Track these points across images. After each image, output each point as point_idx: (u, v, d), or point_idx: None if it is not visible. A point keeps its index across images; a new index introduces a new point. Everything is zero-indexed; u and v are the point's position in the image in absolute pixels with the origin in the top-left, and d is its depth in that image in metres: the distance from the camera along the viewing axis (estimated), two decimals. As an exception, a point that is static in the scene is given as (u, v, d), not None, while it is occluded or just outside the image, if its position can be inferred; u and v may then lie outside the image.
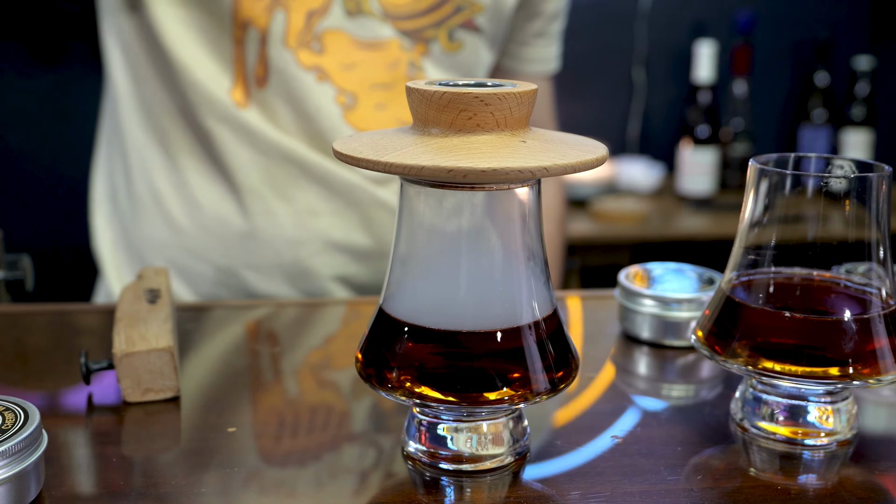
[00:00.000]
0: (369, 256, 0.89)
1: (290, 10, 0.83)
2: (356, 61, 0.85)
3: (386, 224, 0.88)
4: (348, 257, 0.88)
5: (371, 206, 0.87)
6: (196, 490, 0.46)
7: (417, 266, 0.46)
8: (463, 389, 0.44)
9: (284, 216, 0.86)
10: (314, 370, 0.62)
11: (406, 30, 0.86)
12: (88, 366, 0.55)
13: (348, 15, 0.84)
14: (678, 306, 0.63)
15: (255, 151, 0.85)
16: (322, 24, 0.83)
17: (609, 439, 0.51)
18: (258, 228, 0.86)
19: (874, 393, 0.59)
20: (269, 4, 0.82)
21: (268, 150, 0.85)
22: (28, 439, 0.42)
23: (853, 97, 2.12)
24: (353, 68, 0.85)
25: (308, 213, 0.86)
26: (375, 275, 0.90)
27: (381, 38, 0.85)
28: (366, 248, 0.88)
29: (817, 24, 2.17)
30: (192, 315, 0.71)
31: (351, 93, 0.85)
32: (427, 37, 0.87)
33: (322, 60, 0.84)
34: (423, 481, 0.46)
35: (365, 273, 0.89)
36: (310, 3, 0.83)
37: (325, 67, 0.84)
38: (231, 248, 0.87)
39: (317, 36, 0.83)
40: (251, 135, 0.85)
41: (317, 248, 0.87)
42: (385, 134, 0.45)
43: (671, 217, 1.96)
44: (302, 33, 0.83)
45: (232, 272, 0.87)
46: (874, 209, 0.49)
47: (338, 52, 0.84)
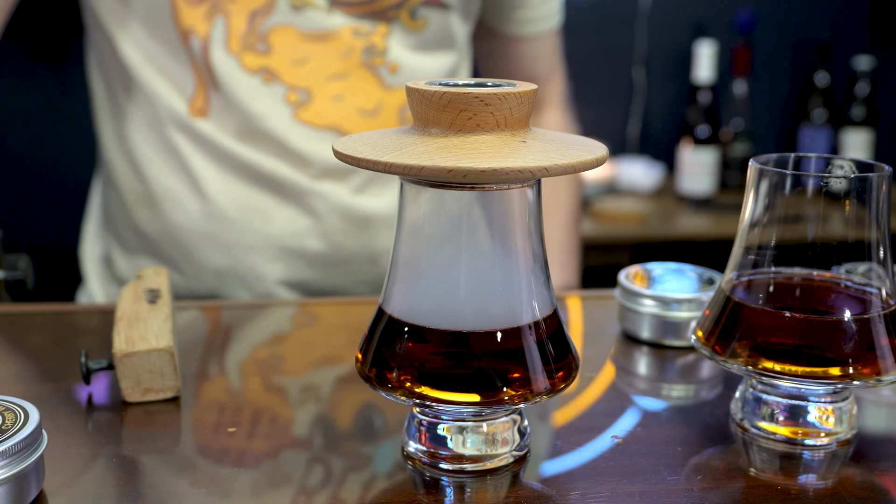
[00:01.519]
0: (323, 262, 0.88)
1: (230, 14, 0.82)
2: (307, 55, 0.83)
3: (339, 229, 0.87)
4: (303, 263, 0.88)
5: (326, 213, 0.87)
6: (196, 490, 0.46)
7: (417, 266, 0.46)
8: (463, 389, 0.44)
9: (241, 223, 0.86)
10: (314, 370, 0.62)
11: (362, 13, 0.84)
12: (88, 366, 0.55)
13: (294, 10, 0.82)
14: (678, 306, 0.63)
15: (213, 160, 0.85)
16: (267, 22, 0.82)
17: (609, 439, 0.51)
18: (217, 235, 0.86)
19: (874, 393, 0.59)
20: (207, 11, 0.82)
21: (223, 157, 0.85)
22: (28, 439, 0.42)
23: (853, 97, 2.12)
24: (305, 63, 0.84)
25: (262, 220, 0.86)
26: (330, 280, 0.89)
27: (331, 29, 0.83)
28: (320, 254, 0.88)
29: (817, 24, 2.17)
30: (192, 315, 0.71)
31: (304, 88, 0.84)
32: (389, 17, 0.85)
33: (269, 61, 0.83)
34: (423, 481, 0.46)
35: (320, 278, 0.89)
36: (252, 3, 0.82)
37: (273, 67, 0.83)
38: (194, 253, 0.87)
39: (262, 36, 0.82)
40: (207, 143, 0.85)
41: (270, 255, 0.87)
42: (385, 134, 0.45)
43: (671, 217, 1.96)
44: (245, 36, 0.82)
45: (196, 277, 0.87)
46: (874, 209, 0.49)
47: (286, 49, 0.83)
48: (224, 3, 0.81)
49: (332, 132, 0.85)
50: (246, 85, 0.83)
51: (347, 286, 0.90)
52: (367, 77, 0.85)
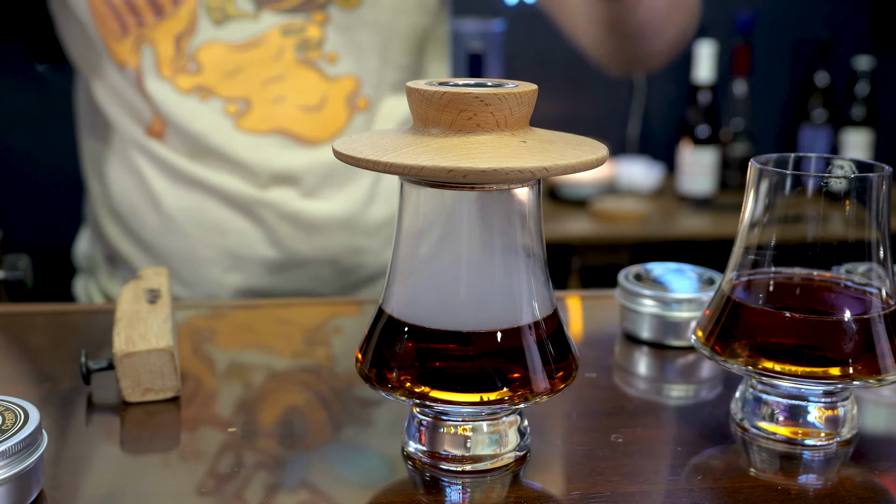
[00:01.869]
0: (280, 268, 0.88)
1: (156, 42, 0.83)
2: (238, 65, 0.84)
3: (291, 236, 0.87)
4: (261, 271, 0.88)
5: (275, 221, 0.87)
6: (196, 490, 0.46)
7: (417, 266, 0.46)
8: (463, 389, 0.44)
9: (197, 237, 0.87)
10: (314, 370, 0.62)
11: (293, 6, 0.83)
12: (88, 366, 0.55)
13: (217, 24, 0.83)
14: (678, 306, 0.63)
15: (170, 178, 0.87)
16: (193, 43, 0.83)
17: (609, 439, 0.51)
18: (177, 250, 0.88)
19: (874, 393, 0.59)
20: (133, 43, 0.83)
21: (178, 176, 0.86)
22: (28, 439, 0.42)
23: (853, 97, 2.12)
24: (238, 73, 0.84)
25: (217, 233, 0.87)
26: (291, 284, 0.90)
27: (257, 34, 0.83)
28: (275, 261, 0.88)
29: (817, 24, 2.17)
30: (192, 315, 0.71)
31: (241, 98, 0.84)
32: (321, 3, 0.84)
33: (202, 78, 0.84)
34: (423, 481, 0.46)
35: (280, 284, 0.89)
36: (174, 28, 0.82)
37: (207, 84, 0.84)
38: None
39: (191, 56, 0.83)
40: (164, 164, 0.86)
41: (227, 265, 0.88)
42: (385, 134, 0.45)
43: (671, 217, 1.96)
44: (174, 60, 0.83)
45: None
46: (874, 209, 0.49)
47: (217, 64, 0.83)
48: (148, 32, 0.83)
49: (277, 135, 0.85)
50: (184, 106, 0.84)
51: (311, 288, 0.90)
52: (305, 73, 0.85)
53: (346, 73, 0.86)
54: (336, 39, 0.85)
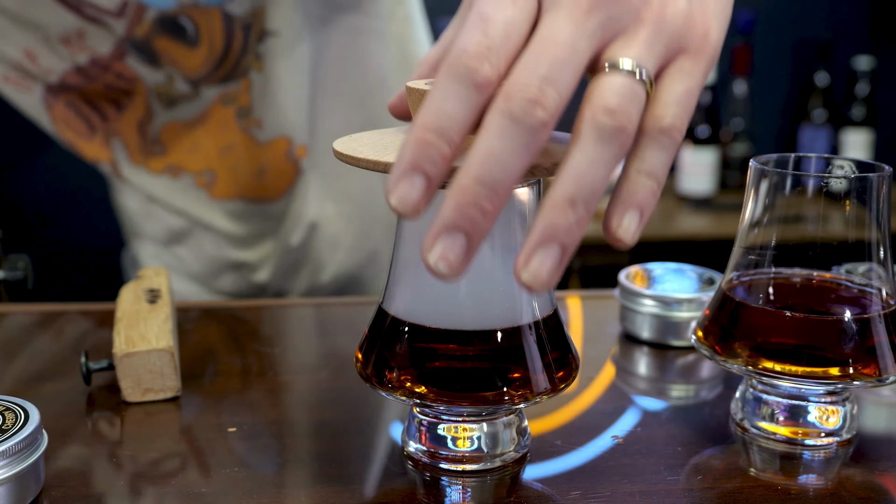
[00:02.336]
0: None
1: (123, 133, 0.85)
2: (196, 141, 0.86)
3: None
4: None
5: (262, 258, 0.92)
6: (196, 490, 0.46)
7: (417, 266, 0.46)
8: (463, 389, 0.44)
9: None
10: (314, 370, 0.62)
11: (223, 77, 0.83)
12: (88, 366, 0.55)
13: (167, 107, 0.84)
14: (678, 306, 0.63)
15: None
16: (154, 127, 0.85)
17: (609, 439, 0.51)
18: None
19: (874, 393, 0.59)
20: (102, 139, 0.86)
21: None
22: (28, 439, 0.42)
23: (853, 97, 2.12)
24: (198, 148, 0.86)
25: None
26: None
27: (203, 109, 0.84)
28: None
29: (817, 24, 2.17)
30: (192, 315, 0.71)
31: (207, 170, 0.87)
32: (243, 69, 0.82)
33: (170, 158, 0.86)
34: (423, 481, 0.46)
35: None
36: (135, 116, 0.85)
37: (176, 162, 0.86)
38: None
39: (155, 139, 0.85)
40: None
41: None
42: (385, 134, 0.45)
43: (671, 217, 1.96)
44: (141, 145, 0.86)
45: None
46: (874, 209, 0.49)
47: (178, 143, 0.86)
48: (113, 125, 0.85)
49: (243, 201, 0.89)
50: (161, 187, 0.87)
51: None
52: (245, 141, 0.86)
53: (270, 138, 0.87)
54: (259, 104, 0.85)
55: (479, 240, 0.34)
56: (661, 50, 0.38)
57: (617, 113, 0.35)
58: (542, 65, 0.34)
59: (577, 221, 0.34)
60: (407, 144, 0.34)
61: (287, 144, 0.86)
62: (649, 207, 0.37)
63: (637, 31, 0.37)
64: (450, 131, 0.34)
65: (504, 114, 0.34)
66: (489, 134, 0.34)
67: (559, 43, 0.35)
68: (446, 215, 0.34)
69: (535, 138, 0.34)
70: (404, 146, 0.34)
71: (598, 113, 0.35)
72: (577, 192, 0.35)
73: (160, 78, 0.82)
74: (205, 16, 0.78)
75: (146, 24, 0.77)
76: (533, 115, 0.33)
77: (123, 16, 0.76)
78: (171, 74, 0.82)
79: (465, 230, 0.34)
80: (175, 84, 0.83)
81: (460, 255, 0.34)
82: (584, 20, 0.36)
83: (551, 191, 0.35)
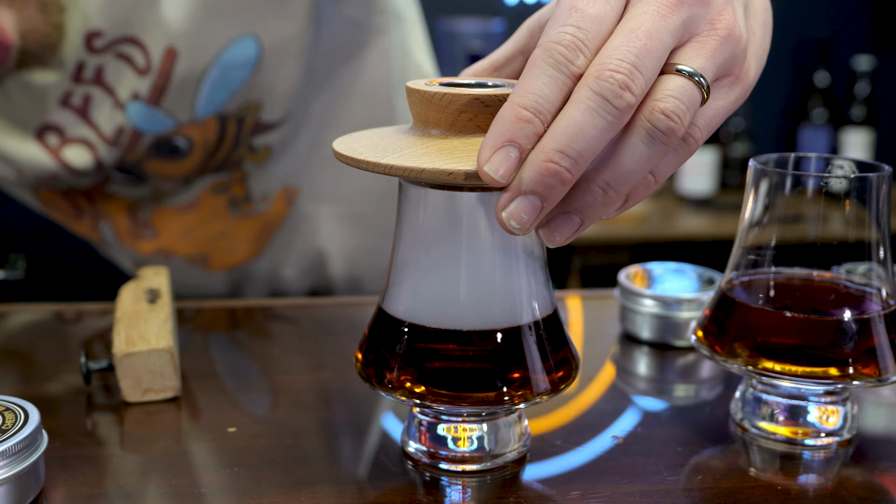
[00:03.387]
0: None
1: (112, 217, 0.84)
2: (187, 226, 0.85)
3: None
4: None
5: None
6: (196, 490, 0.46)
7: (417, 266, 0.46)
8: (463, 389, 0.44)
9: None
10: (314, 370, 0.62)
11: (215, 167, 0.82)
12: (88, 366, 0.55)
13: (155, 200, 0.84)
14: (678, 306, 0.63)
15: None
16: (144, 212, 0.84)
17: (609, 439, 0.51)
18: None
19: (874, 393, 0.59)
20: (90, 221, 0.85)
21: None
22: (28, 439, 0.42)
23: (853, 97, 2.12)
24: (190, 233, 0.85)
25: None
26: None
27: (195, 198, 0.84)
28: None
29: (817, 24, 2.17)
30: (192, 315, 0.71)
31: (199, 253, 0.86)
32: (235, 160, 0.81)
33: (161, 241, 0.85)
34: (423, 481, 0.46)
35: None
36: (124, 202, 0.83)
37: (167, 246, 0.86)
38: None
39: (145, 223, 0.85)
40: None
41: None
42: (385, 135, 0.45)
43: (671, 217, 1.96)
44: (131, 229, 0.85)
45: None
46: (874, 209, 0.49)
47: (169, 227, 0.85)
48: (102, 209, 0.84)
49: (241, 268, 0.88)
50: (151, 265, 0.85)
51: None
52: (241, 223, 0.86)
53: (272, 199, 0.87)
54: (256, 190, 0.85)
55: (551, 205, 0.37)
56: (720, 65, 0.40)
57: (674, 116, 0.37)
58: (631, 52, 0.36)
59: (604, 203, 0.38)
60: (502, 120, 0.37)
61: (284, 194, 0.86)
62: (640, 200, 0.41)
63: (708, 39, 0.40)
64: (545, 112, 0.37)
65: (596, 93, 0.36)
66: (578, 109, 0.36)
67: (648, 34, 0.37)
68: (528, 178, 0.36)
69: (619, 119, 0.36)
70: (498, 122, 0.37)
71: (656, 111, 0.37)
72: (613, 180, 0.37)
73: (145, 191, 0.81)
74: (200, 127, 0.76)
75: (140, 151, 0.75)
76: (622, 98, 0.36)
77: (117, 145, 0.74)
78: (157, 186, 0.81)
79: (542, 195, 0.36)
80: (162, 187, 0.82)
81: (532, 217, 0.37)
82: (671, 15, 0.38)
83: (589, 173, 0.37)
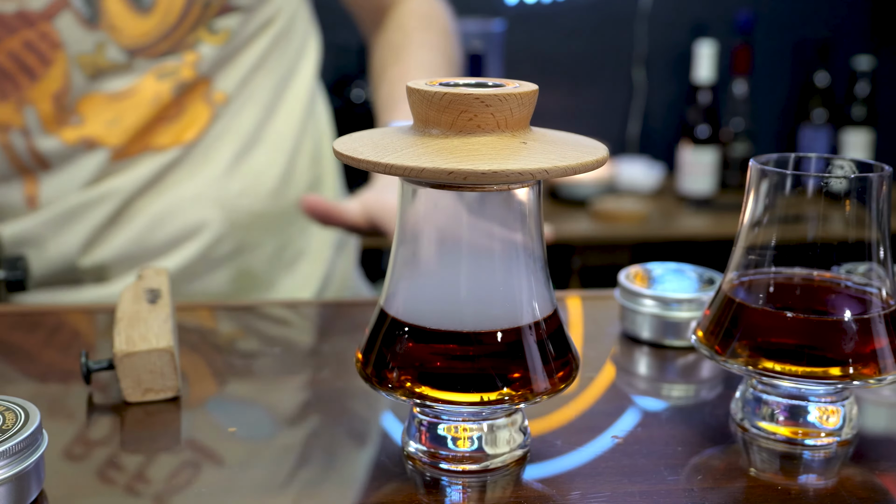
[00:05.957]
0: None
1: (36, 102, 0.83)
2: (117, 115, 0.84)
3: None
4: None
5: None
6: (196, 490, 0.46)
7: (417, 266, 0.46)
8: (463, 389, 0.44)
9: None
10: (314, 370, 0.62)
11: (165, 50, 0.83)
12: (88, 366, 0.55)
13: (91, 79, 0.83)
14: (678, 306, 0.63)
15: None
16: (71, 99, 0.83)
17: (609, 439, 0.51)
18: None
19: (874, 393, 0.59)
20: (15, 105, 0.83)
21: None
22: (28, 439, 0.42)
23: (853, 97, 2.12)
24: (117, 122, 0.84)
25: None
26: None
27: (132, 85, 0.84)
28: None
29: (817, 24, 2.17)
30: (192, 315, 0.71)
31: (122, 145, 0.85)
32: (190, 43, 0.84)
33: (85, 129, 0.84)
34: (423, 481, 0.46)
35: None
36: (50, 87, 0.83)
37: (91, 134, 0.84)
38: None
39: (72, 110, 0.84)
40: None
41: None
42: (385, 134, 0.45)
43: (671, 217, 1.96)
44: (57, 115, 0.84)
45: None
46: (874, 209, 0.49)
47: (97, 115, 0.84)
48: (26, 93, 0.83)
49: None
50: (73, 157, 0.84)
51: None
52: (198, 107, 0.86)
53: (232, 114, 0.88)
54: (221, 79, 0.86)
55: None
56: None
57: None
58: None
59: None
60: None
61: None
62: None
63: None
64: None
65: None
66: None
67: None
68: None
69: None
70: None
71: None
72: None
73: (89, 46, 0.80)
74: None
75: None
76: None
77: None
78: (103, 42, 0.80)
79: None
80: (106, 53, 0.81)
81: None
82: None
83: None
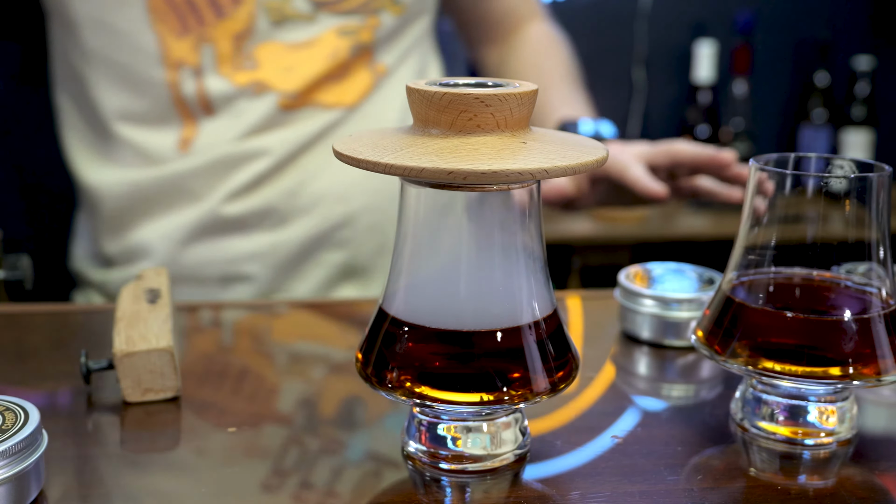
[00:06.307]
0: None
1: (216, 41, 0.84)
2: (293, 64, 0.86)
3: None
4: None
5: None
6: (196, 490, 0.46)
7: (418, 266, 0.46)
8: (463, 389, 0.44)
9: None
10: (314, 370, 0.62)
11: (350, 9, 0.87)
12: (88, 366, 0.55)
13: (275, 25, 0.85)
14: (678, 306, 0.63)
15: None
16: (251, 43, 0.85)
17: (609, 439, 0.51)
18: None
19: (874, 393, 0.59)
20: (194, 43, 0.84)
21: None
22: (28, 439, 0.42)
23: (853, 97, 2.12)
24: (292, 70, 0.86)
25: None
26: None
27: (313, 37, 0.86)
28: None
29: (817, 24, 2.17)
30: (192, 315, 0.71)
31: (293, 92, 0.86)
32: (374, 8, 0.88)
33: (258, 74, 0.86)
34: (423, 481, 0.46)
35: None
36: (233, 27, 0.84)
37: (263, 79, 0.86)
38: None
39: (248, 55, 0.85)
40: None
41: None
42: (385, 134, 0.45)
43: (671, 217, 1.96)
44: (233, 58, 0.85)
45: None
46: (874, 209, 0.49)
47: (273, 61, 0.86)
48: (208, 31, 0.84)
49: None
50: (238, 99, 0.86)
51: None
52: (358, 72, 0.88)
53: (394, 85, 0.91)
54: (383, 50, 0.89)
55: None
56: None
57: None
58: None
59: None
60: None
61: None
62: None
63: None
64: None
65: None
66: None
67: None
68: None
69: None
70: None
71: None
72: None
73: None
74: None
75: None
76: None
77: None
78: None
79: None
80: (293, 1, 0.84)
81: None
82: None
83: None
